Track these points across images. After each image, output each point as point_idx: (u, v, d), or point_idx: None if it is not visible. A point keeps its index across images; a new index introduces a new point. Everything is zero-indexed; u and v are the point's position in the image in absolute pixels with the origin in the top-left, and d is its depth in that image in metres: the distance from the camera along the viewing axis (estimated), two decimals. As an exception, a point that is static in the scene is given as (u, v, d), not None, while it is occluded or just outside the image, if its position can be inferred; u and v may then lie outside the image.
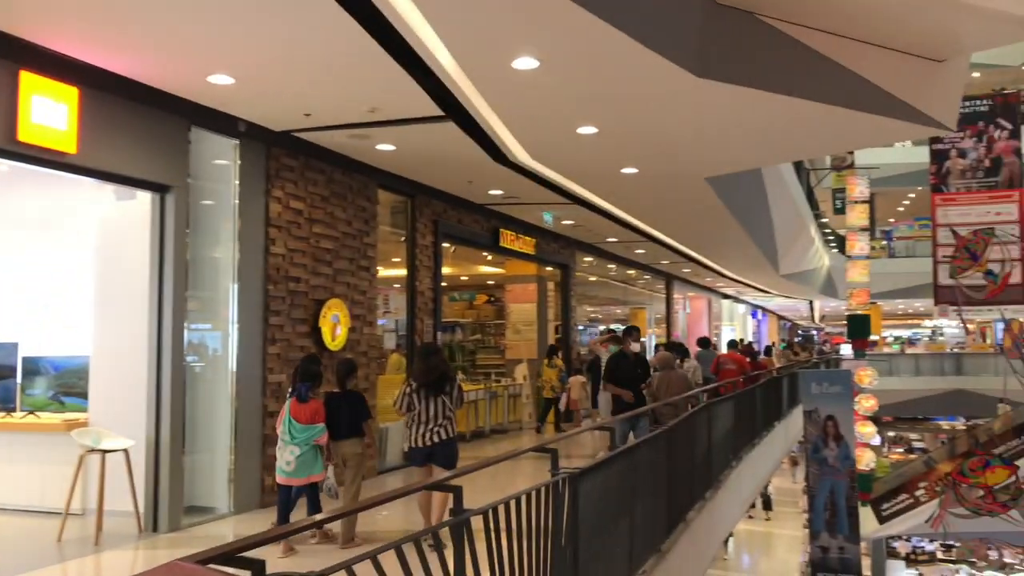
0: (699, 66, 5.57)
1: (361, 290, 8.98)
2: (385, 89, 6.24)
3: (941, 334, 47.74)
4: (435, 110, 6.58)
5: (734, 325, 31.30)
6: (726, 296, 28.73)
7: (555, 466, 3.74)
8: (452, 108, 6.49)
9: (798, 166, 19.24)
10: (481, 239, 11.86)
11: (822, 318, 49.07)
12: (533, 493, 3.21)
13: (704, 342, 14.67)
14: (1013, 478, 13.66)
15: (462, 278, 16.85)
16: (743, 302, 31.75)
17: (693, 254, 16.47)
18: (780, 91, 6.00)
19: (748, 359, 14.26)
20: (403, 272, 10.22)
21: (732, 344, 15.21)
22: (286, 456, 6.11)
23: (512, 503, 3.05)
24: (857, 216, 21.53)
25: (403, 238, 10.14)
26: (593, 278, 18.72)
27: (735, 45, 5.88)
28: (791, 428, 16.71)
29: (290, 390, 6.54)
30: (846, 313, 22.84)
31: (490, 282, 17.46)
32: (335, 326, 8.47)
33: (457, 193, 10.65)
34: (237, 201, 7.29)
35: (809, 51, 6.17)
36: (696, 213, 11.17)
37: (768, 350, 20.97)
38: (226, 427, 7.27)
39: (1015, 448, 22.42)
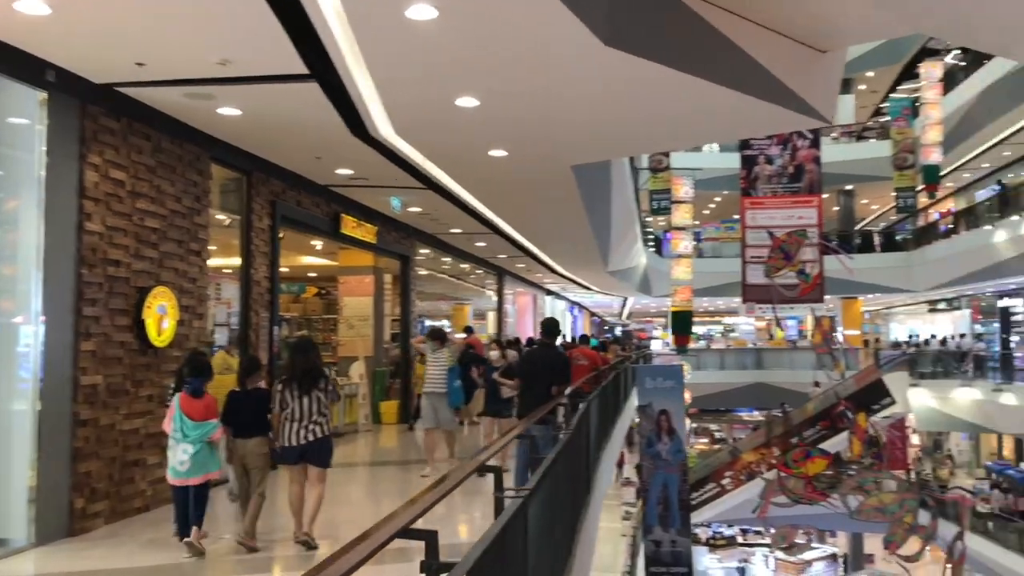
0: (608, 32, 5.06)
1: (191, 278, 7.79)
2: (242, 36, 5.26)
3: (733, 331, 51.14)
4: (299, 67, 5.66)
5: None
6: (550, 292, 28.96)
7: (500, 487, 3.05)
8: (319, 66, 5.60)
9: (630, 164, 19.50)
10: (321, 224, 10.84)
11: (630, 315, 51.08)
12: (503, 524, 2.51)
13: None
14: (831, 468, 14.39)
15: (283, 269, 15.57)
16: (564, 298, 32.22)
17: (533, 248, 16.18)
18: (684, 69, 5.61)
19: (600, 354, 14.11)
20: (236, 259, 9.06)
21: (583, 339, 15.04)
22: (179, 455, 5.91)
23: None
24: (681, 216, 22.32)
25: (227, 222, 8.98)
26: (424, 271, 18.00)
27: (643, 14, 5.43)
28: (624, 423, 16.84)
29: (172, 387, 6.40)
30: (671, 310, 23.73)
31: (312, 274, 16.33)
32: (161, 318, 7.25)
33: (299, 171, 9.61)
34: (43, 170, 5.99)
35: (712, 30, 5.83)
36: (551, 203, 10.77)
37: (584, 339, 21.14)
38: (26, 438, 5.95)
39: (812, 436, 24.08)
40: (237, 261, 9.03)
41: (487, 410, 10.53)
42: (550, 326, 7.36)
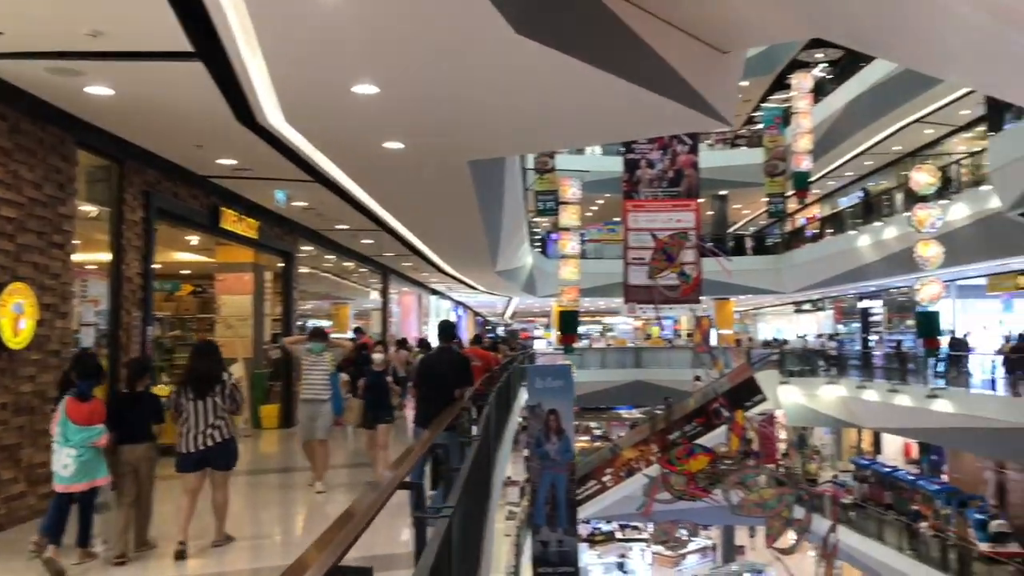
0: (520, 20, 4.85)
1: (53, 273, 7.08)
2: (118, 4, 4.75)
3: (611, 330, 52.22)
4: (182, 43, 5.18)
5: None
6: (435, 292, 28.62)
7: (421, 505, 2.78)
8: (206, 44, 5.14)
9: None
10: (199, 218, 10.17)
11: (513, 315, 51.29)
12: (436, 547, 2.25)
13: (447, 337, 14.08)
14: (712, 464, 14.74)
15: (154, 265, 14.61)
16: (449, 298, 31.94)
17: (422, 247, 15.83)
18: (595, 63, 5.47)
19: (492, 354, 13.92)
20: (106, 254, 8.33)
21: (476, 339, 14.81)
22: (62, 460, 5.62)
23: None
24: (569, 216, 22.45)
25: (96, 213, 8.26)
26: (305, 269, 17.35)
27: (555, 4, 5.27)
28: (513, 424, 16.74)
29: (58, 390, 6.14)
30: (558, 309, 23.83)
31: (185, 271, 15.42)
32: (17, 318, 6.55)
33: (177, 160, 8.95)
34: None
35: (621, 24, 5.73)
36: (445, 201, 10.50)
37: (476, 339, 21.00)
38: None
39: (689, 432, 24.68)
40: (107, 256, 8.31)
41: (369, 418, 9.35)
42: (447, 328, 7.07)
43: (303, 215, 12.51)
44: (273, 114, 6.76)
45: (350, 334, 18.35)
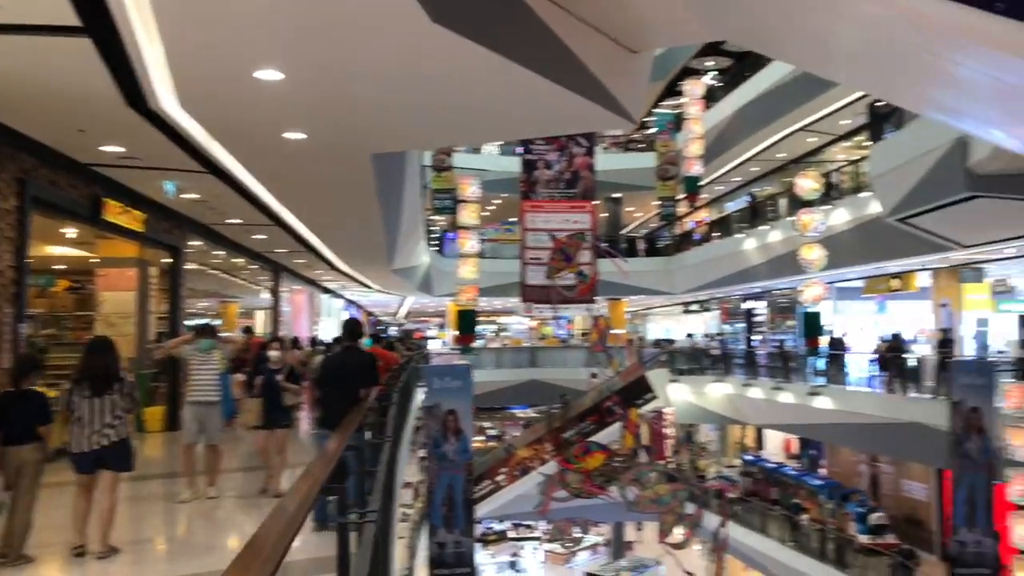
0: (437, 8, 4.71)
1: (-86, 265, 6.48)
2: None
3: (505, 330, 52.47)
4: (68, 17, 4.78)
5: (330, 319, 30.73)
6: (327, 291, 27.98)
7: (344, 511, 2.61)
8: (96, 18, 4.77)
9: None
10: (79, 209, 9.53)
11: (407, 314, 50.80)
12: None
13: (339, 339, 13.68)
14: (608, 462, 14.92)
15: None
16: (341, 297, 31.30)
17: (317, 243, 15.39)
18: (510, 56, 5.38)
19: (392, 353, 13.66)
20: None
21: (376, 338, 14.49)
22: None
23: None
24: (469, 215, 22.35)
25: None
26: (193, 265, 16.62)
27: (470, -7, 5.15)
28: (410, 424, 16.52)
29: None
30: (456, 309, 23.66)
31: (60, 266, 14.49)
32: None
33: (56, 146, 8.34)
34: None
35: (536, 19, 5.66)
36: (345, 195, 10.19)
37: (376, 339, 20.66)
38: None
39: (582, 430, 24.93)
40: (-26, 247, 7.68)
41: (266, 420, 8.73)
42: (353, 327, 6.82)
43: (193, 208, 11.94)
44: (166, 98, 6.37)
45: (238, 333, 17.70)
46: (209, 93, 6.27)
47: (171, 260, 13.29)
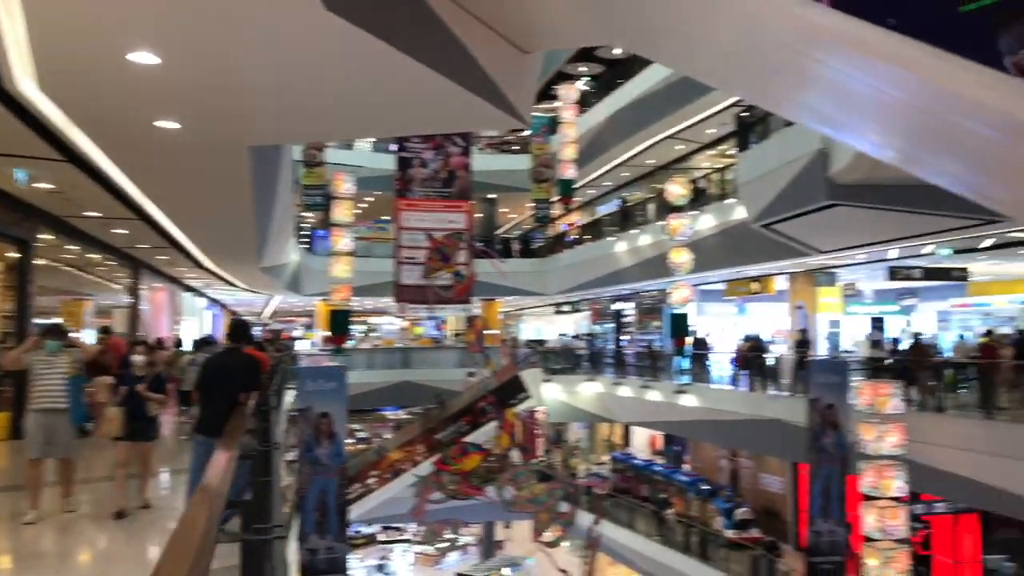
0: (331, -5, 4.53)
1: None
2: None
3: (375, 330, 51.74)
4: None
5: (194, 319, 29.33)
6: (190, 289, 26.68)
7: (250, 527, 2.42)
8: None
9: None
10: (-86, 197, 8.65)
11: (273, 314, 49.23)
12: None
13: (208, 340, 13.06)
14: (485, 462, 14.93)
15: None
16: (204, 295, 29.94)
17: (183, 239, 14.60)
18: (404, 49, 5.23)
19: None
20: None
21: (248, 339, 13.84)
22: None
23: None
24: (343, 212, 21.81)
25: None
26: (43, 261, 15.47)
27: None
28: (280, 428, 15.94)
29: None
30: (329, 308, 23.02)
31: None
32: None
33: None
34: None
35: (431, 12, 5.55)
36: (217, 189, 9.69)
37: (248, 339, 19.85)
38: None
39: (456, 431, 24.94)
40: None
41: (129, 431, 7.86)
42: (239, 328, 6.38)
43: (47, 199, 11.05)
44: (23, 79, 5.86)
45: (93, 333, 16.62)
46: (74, 76, 5.79)
47: (19, 255, 12.28)
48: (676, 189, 19.12)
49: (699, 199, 20.73)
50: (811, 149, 12.57)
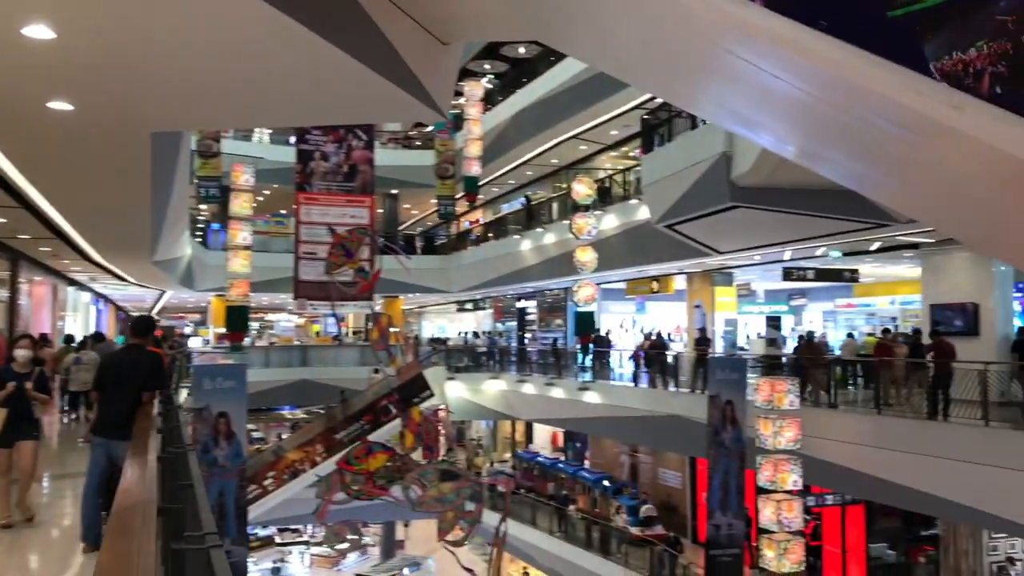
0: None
1: None
2: None
3: (271, 328, 50.38)
4: None
5: (77, 315, 27.76)
6: (74, 283, 25.24)
7: (181, 535, 2.23)
8: None
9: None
10: None
11: (161, 310, 47.23)
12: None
13: (99, 336, 12.33)
14: (391, 461, 14.62)
15: None
16: (90, 290, 28.40)
17: (70, 230, 13.74)
18: (322, 33, 5.02)
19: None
20: None
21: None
22: None
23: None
24: (242, 204, 21.07)
25: None
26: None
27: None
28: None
29: None
30: (227, 304, 22.19)
31: None
32: None
33: None
34: None
35: (351, -2, 5.36)
36: (113, 177, 9.13)
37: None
38: None
39: (356, 431, 24.60)
40: None
41: (10, 434, 7.01)
42: (145, 324, 5.92)
43: (-85, 184, 10.19)
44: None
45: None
46: (-43, 48, 5.32)
47: None
48: (582, 189, 19.32)
49: (603, 199, 21.02)
50: (715, 152, 12.89)
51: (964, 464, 10.96)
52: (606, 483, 21.78)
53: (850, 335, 18.57)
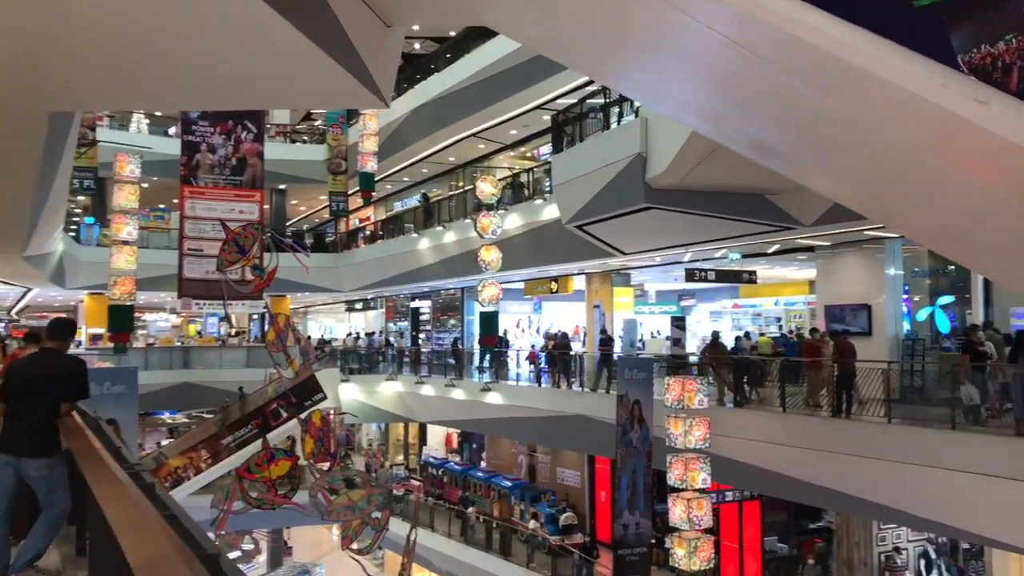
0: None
1: None
2: None
3: (144, 328, 47.73)
4: None
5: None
6: (-75, 279, 23.03)
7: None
8: None
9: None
10: None
11: (23, 310, 44.02)
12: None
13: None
14: (295, 469, 13.95)
15: None
16: (-57, 287, 26.05)
17: (-67, 220, 12.42)
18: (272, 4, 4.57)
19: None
20: None
21: (30, 337, 11.94)
22: None
23: None
24: (126, 197, 19.72)
25: None
26: None
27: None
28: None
29: None
30: (109, 303, 20.68)
31: None
32: None
33: None
34: None
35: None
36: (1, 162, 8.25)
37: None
38: None
39: (245, 435, 23.54)
40: None
41: None
42: (62, 326, 5.16)
43: None
44: None
45: None
46: None
47: None
48: (487, 187, 19.09)
49: (505, 198, 20.86)
50: (630, 153, 12.91)
51: (863, 459, 11.38)
52: (525, 491, 21.41)
53: (746, 335, 19.08)
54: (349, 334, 32.27)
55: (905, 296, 15.44)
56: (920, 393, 12.90)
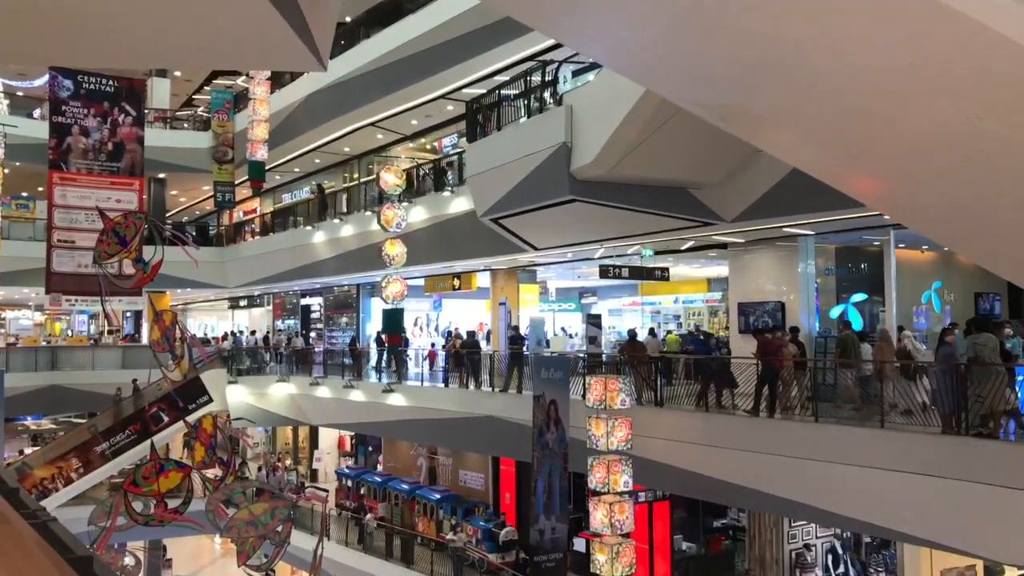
0: None
1: None
2: None
3: (2, 325, 44.13)
4: None
5: None
6: None
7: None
8: None
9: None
10: None
11: None
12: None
13: None
14: (187, 480, 12.71)
15: None
16: None
17: None
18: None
19: None
20: None
21: None
22: None
23: None
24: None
25: None
26: None
27: None
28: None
29: None
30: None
31: None
32: None
33: None
34: None
35: None
36: None
37: None
38: None
39: (121, 442, 21.86)
40: None
41: None
42: None
43: None
44: None
45: None
46: None
47: None
48: (391, 179, 18.20)
49: (410, 190, 19.99)
50: (555, 143, 12.34)
51: (779, 457, 11.28)
52: (456, 504, 19.99)
53: (651, 332, 18.91)
54: (225, 335, 30.45)
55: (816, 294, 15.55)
56: (832, 390, 12.94)
